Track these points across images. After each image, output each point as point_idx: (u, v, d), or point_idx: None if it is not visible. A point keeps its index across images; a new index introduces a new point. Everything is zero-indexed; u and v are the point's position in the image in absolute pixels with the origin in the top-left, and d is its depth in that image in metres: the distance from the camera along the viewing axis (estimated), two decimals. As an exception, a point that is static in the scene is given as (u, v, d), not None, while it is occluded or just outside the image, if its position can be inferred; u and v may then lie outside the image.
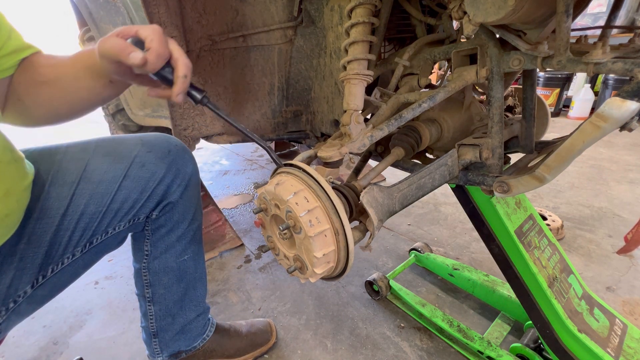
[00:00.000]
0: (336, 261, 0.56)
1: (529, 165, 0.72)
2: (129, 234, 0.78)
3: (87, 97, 0.61)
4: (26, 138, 1.39)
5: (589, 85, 3.66)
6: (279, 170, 0.62)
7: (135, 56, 0.50)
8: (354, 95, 0.69)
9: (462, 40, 0.76)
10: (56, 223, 0.60)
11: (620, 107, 0.48)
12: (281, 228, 0.53)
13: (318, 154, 0.66)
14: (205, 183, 1.92)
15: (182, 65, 0.53)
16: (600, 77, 3.80)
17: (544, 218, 1.60)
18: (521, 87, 0.77)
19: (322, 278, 0.61)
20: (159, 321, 0.86)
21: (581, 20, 3.41)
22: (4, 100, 0.59)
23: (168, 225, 0.76)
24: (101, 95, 0.62)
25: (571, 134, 0.55)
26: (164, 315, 0.85)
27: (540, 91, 3.95)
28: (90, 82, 0.59)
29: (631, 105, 0.47)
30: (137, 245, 0.80)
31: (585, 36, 0.63)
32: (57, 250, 0.61)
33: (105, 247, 0.70)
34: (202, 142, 1.19)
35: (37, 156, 0.63)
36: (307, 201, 0.52)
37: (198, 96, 0.58)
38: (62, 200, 0.60)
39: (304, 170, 0.56)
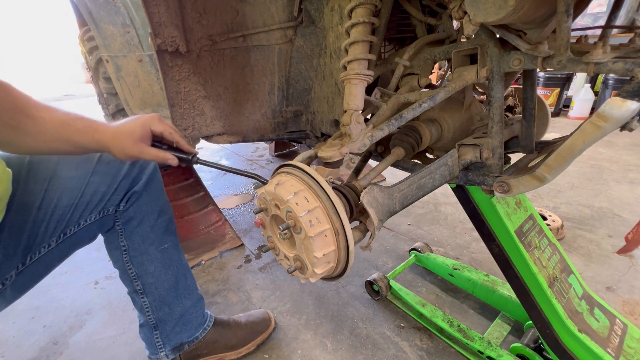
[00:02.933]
0: (336, 261, 0.56)
1: (530, 165, 0.72)
2: (102, 237, 0.82)
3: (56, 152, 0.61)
4: None
5: (589, 85, 3.67)
6: (279, 171, 0.62)
7: (174, 160, 0.68)
8: (354, 95, 0.69)
9: (462, 40, 0.76)
10: (33, 215, 0.66)
11: (620, 107, 0.48)
12: (281, 228, 0.53)
13: (318, 154, 0.66)
14: (205, 183, 1.92)
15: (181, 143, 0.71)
16: (600, 77, 3.80)
17: (544, 218, 1.60)
18: (521, 87, 0.77)
19: (323, 278, 0.61)
20: (157, 312, 0.87)
21: (581, 20, 3.41)
22: None
23: (137, 216, 0.80)
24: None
25: (572, 133, 0.55)
26: (159, 304, 0.86)
27: (540, 91, 3.95)
28: (70, 150, 0.61)
29: (632, 105, 0.47)
30: (112, 245, 0.83)
31: (586, 36, 0.63)
32: (35, 240, 0.67)
33: (78, 240, 0.75)
34: (202, 142, 1.19)
35: (5, 156, 0.66)
36: (307, 201, 0.52)
37: (189, 158, 0.71)
38: (36, 195, 0.66)
39: (304, 171, 0.56)
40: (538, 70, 0.64)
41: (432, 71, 0.85)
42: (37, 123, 0.54)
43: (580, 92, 3.70)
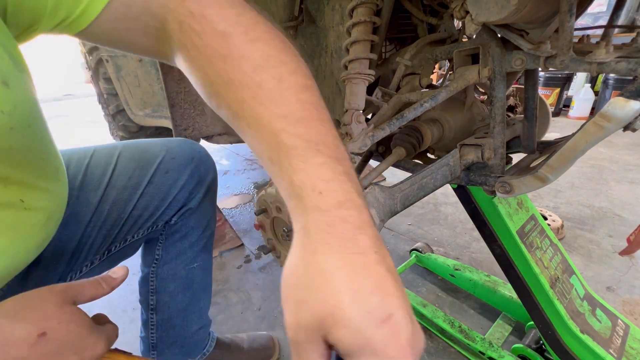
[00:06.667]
0: None
1: (531, 165, 0.71)
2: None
3: None
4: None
5: (589, 85, 3.66)
6: None
7: None
8: (355, 95, 0.69)
9: (463, 39, 0.76)
10: (82, 230, 0.58)
11: (623, 106, 0.47)
12: (285, 230, 0.53)
13: (319, 154, 0.66)
14: (205, 183, 1.92)
15: None
16: (601, 77, 3.80)
17: (545, 218, 1.60)
18: (522, 86, 0.76)
19: None
20: (159, 331, 0.82)
21: (581, 20, 3.41)
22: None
23: (183, 230, 0.74)
24: None
25: (574, 134, 0.55)
26: (165, 325, 0.82)
27: (540, 91, 3.93)
28: None
29: (635, 105, 0.47)
30: (148, 249, 0.77)
31: (588, 36, 0.63)
32: (79, 258, 0.60)
33: (122, 256, 0.68)
34: (202, 142, 1.18)
35: (67, 159, 0.60)
36: None
37: None
38: (89, 206, 0.59)
39: None
40: (540, 69, 0.64)
41: (433, 71, 0.85)
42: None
43: (581, 91, 3.70)
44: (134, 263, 0.82)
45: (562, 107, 4.02)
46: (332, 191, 0.27)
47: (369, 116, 0.93)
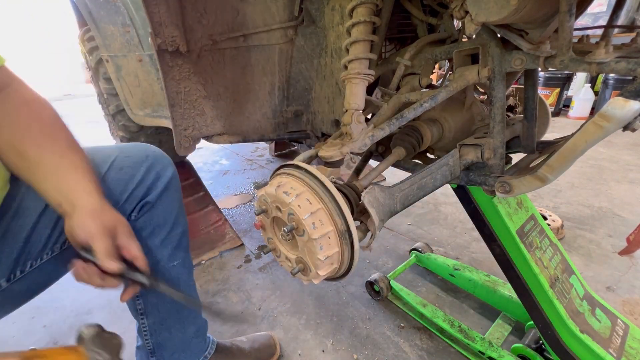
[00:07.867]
0: (340, 262, 0.56)
1: (531, 165, 0.71)
2: None
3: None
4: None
5: (589, 85, 3.66)
6: (279, 171, 0.62)
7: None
8: (355, 95, 0.69)
9: (463, 39, 0.76)
10: (33, 221, 0.62)
11: (623, 107, 0.47)
12: (285, 230, 0.53)
13: (319, 154, 0.66)
14: (205, 183, 1.92)
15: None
16: (600, 77, 3.80)
17: (544, 218, 1.60)
18: (522, 86, 0.76)
19: (326, 279, 0.60)
20: (155, 336, 0.81)
21: (581, 20, 3.41)
22: None
23: (148, 228, 0.74)
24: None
25: (574, 134, 0.55)
26: (159, 328, 0.80)
27: (540, 91, 3.92)
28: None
29: (634, 105, 0.47)
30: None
31: (587, 36, 0.63)
32: (36, 247, 0.63)
33: None
34: (202, 142, 1.18)
35: None
36: (310, 203, 0.52)
37: (145, 282, 0.60)
38: (39, 201, 0.61)
39: (306, 171, 0.56)
40: (539, 69, 0.64)
41: (433, 71, 0.85)
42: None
43: (581, 91, 3.70)
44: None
45: (562, 107, 4.02)
46: None
47: (369, 116, 0.93)
